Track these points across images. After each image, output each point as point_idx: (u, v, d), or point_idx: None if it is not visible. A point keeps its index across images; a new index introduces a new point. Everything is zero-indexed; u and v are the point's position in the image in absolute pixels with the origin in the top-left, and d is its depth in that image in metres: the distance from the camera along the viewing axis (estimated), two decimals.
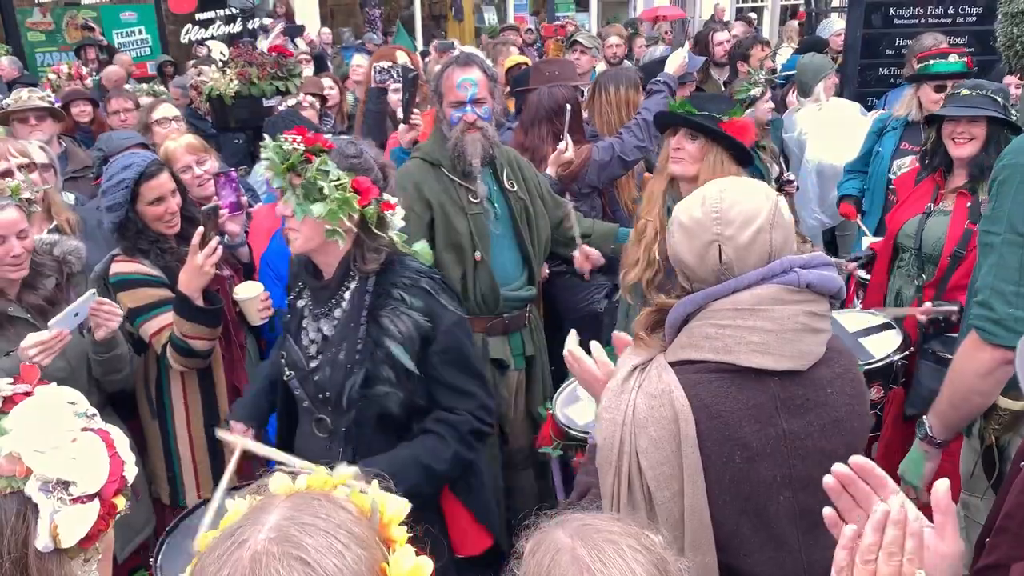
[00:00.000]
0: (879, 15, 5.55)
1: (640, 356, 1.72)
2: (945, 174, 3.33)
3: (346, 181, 2.13)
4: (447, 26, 16.20)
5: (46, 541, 1.09)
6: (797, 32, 11.15)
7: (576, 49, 5.93)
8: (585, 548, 1.10)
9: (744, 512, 1.61)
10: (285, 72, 5.23)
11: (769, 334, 1.58)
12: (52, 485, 1.12)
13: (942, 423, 2.24)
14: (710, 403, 1.59)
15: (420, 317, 2.19)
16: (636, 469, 1.61)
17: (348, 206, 2.12)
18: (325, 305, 2.28)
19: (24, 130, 4.33)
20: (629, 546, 1.11)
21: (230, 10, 7.41)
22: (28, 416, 1.15)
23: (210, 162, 3.46)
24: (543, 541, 1.14)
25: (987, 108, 3.16)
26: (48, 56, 11.30)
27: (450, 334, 2.23)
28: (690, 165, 2.79)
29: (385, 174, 2.29)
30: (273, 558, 0.92)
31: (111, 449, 1.21)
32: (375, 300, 2.21)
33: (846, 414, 1.66)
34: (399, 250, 2.29)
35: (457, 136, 3.06)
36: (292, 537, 0.94)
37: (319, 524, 0.97)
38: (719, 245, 1.61)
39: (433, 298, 2.23)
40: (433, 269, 2.40)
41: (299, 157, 2.13)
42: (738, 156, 2.79)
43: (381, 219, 2.21)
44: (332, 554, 0.94)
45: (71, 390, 1.25)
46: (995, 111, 3.15)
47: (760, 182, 1.78)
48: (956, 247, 3.17)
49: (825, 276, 1.63)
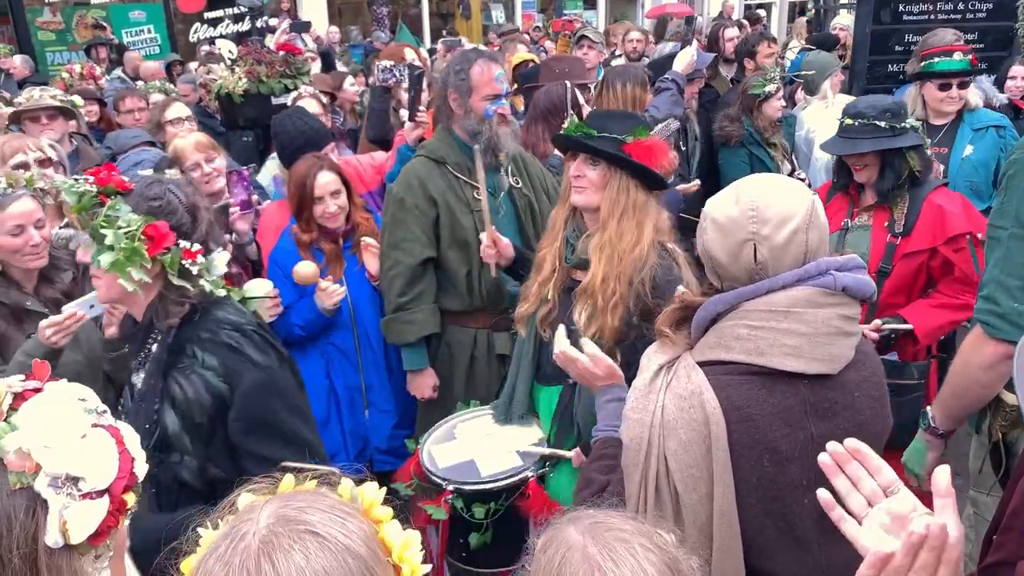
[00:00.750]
0: (888, 11, 5.51)
1: (665, 354, 1.69)
2: (859, 189, 3.17)
3: (136, 228, 1.91)
4: (455, 24, 16.20)
5: (56, 537, 1.10)
6: (806, 29, 11.12)
7: (584, 45, 5.93)
8: (596, 546, 1.09)
9: (769, 514, 1.59)
10: (293, 70, 5.25)
11: (803, 337, 1.55)
12: (61, 481, 1.12)
13: (945, 414, 2.25)
14: (741, 405, 1.56)
15: (214, 378, 1.96)
16: (664, 471, 1.58)
17: (138, 256, 1.91)
18: (137, 357, 2.13)
19: (35, 128, 4.35)
20: (641, 545, 1.10)
21: (238, 8, 7.42)
22: (38, 412, 1.16)
23: (219, 160, 3.48)
24: (555, 538, 1.13)
25: (868, 140, 2.99)
26: (58, 55, 11.35)
27: (249, 398, 1.97)
28: (592, 194, 2.36)
29: (195, 217, 2.04)
30: (282, 536, 0.92)
31: (120, 445, 1.22)
32: (170, 357, 2.00)
33: (870, 417, 1.65)
34: (213, 298, 2.07)
35: (494, 128, 3.06)
36: (293, 517, 0.95)
37: (314, 504, 0.98)
38: (754, 244, 1.58)
39: (237, 353, 1.98)
40: (250, 318, 2.13)
41: (91, 199, 1.95)
42: (647, 182, 2.37)
43: (184, 268, 1.99)
44: (336, 524, 0.96)
45: (81, 387, 1.25)
46: (878, 139, 2.98)
47: (795, 180, 1.74)
48: (881, 262, 3.03)
49: (861, 280, 1.61)
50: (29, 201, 2.58)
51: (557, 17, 14.93)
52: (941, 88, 4.10)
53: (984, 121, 4.19)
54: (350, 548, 0.94)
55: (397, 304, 3.11)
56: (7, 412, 1.15)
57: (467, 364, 3.22)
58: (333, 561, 0.92)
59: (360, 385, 3.35)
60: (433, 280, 3.17)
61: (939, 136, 4.18)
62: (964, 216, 2.97)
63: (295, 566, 0.90)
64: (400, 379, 3.33)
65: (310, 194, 3.17)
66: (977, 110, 4.21)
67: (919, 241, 2.98)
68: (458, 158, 3.13)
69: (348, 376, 3.34)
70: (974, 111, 4.20)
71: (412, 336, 3.13)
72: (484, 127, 3.05)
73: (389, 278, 3.13)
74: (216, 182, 3.40)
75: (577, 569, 1.07)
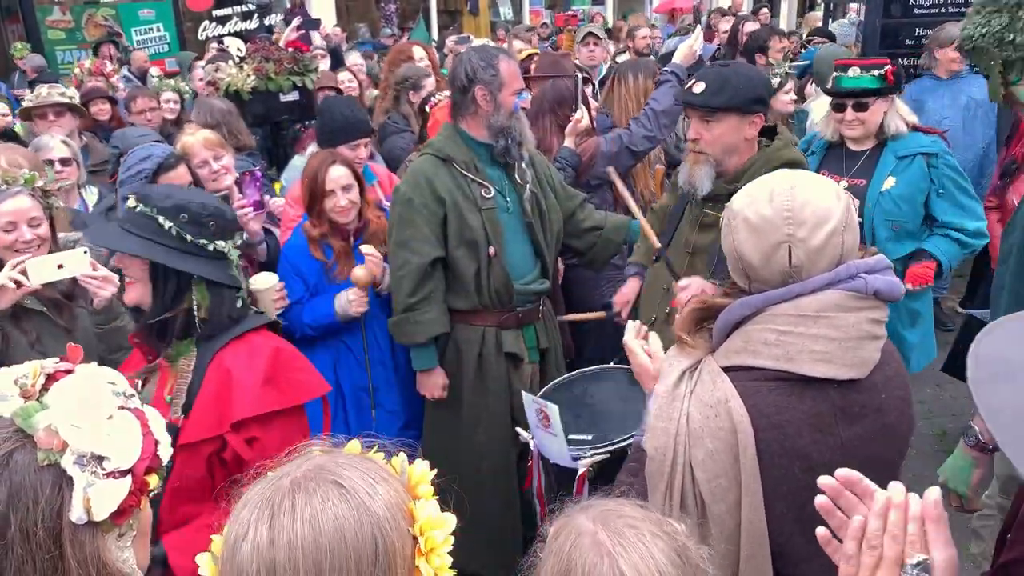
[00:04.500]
0: (899, 4, 5.47)
1: (687, 358, 1.65)
2: None
3: None
4: (462, 20, 16.19)
5: (80, 513, 1.13)
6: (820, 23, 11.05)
7: (589, 41, 5.93)
8: (606, 532, 1.10)
9: (799, 521, 1.55)
10: (302, 67, 5.25)
11: (832, 342, 1.51)
12: (87, 459, 1.15)
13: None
14: (770, 413, 1.53)
15: None
16: (690, 481, 1.55)
17: None
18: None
19: (44, 125, 4.38)
20: (650, 531, 1.11)
21: (247, 6, 7.43)
22: (68, 392, 1.19)
23: (227, 157, 3.48)
24: (566, 525, 1.15)
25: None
26: (68, 54, 11.40)
27: None
28: None
29: None
30: (310, 480, 1.05)
31: (145, 428, 1.25)
32: None
33: (896, 419, 1.62)
34: None
35: (522, 122, 3.13)
36: (328, 469, 1.07)
37: (353, 463, 1.10)
38: (789, 247, 1.52)
39: None
40: None
41: None
42: None
43: None
44: (365, 483, 1.06)
45: (111, 370, 1.29)
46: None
47: (828, 179, 1.68)
48: None
49: (892, 283, 1.56)
50: (25, 199, 2.57)
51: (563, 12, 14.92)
52: (836, 109, 3.62)
53: (911, 148, 3.53)
54: (368, 507, 1.04)
55: (406, 304, 3.09)
56: (40, 392, 1.19)
57: (475, 362, 3.21)
58: (348, 513, 1.02)
59: (367, 385, 3.34)
60: (442, 280, 3.15)
61: (857, 166, 3.64)
62: None
63: (311, 508, 1.01)
64: (407, 379, 3.32)
65: (321, 187, 3.17)
66: (902, 136, 3.55)
67: None
68: (466, 156, 3.12)
69: (355, 375, 3.33)
70: (897, 138, 3.55)
71: (422, 337, 3.12)
72: (513, 121, 3.08)
73: (397, 278, 3.11)
74: (224, 179, 3.40)
75: (587, 554, 1.09)
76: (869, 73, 3.47)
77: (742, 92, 2.67)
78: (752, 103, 2.69)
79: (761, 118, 2.76)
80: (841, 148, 3.68)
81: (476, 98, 3.06)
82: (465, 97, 3.08)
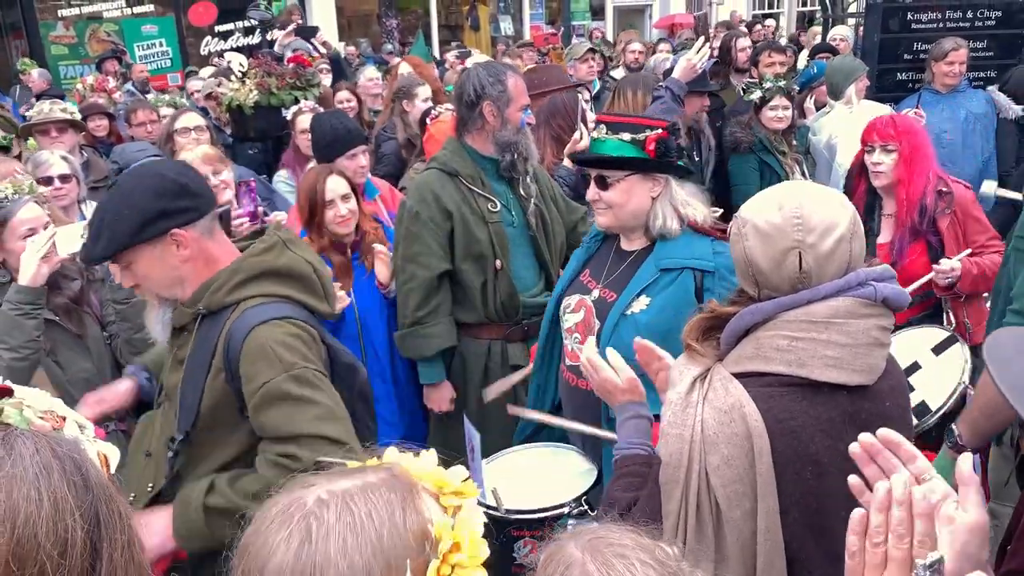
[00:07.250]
0: (897, 19, 5.50)
1: (697, 366, 1.67)
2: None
3: None
4: (463, 35, 16.28)
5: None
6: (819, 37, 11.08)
7: (588, 58, 6.05)
8: (595, 563, 1.08)
9: (810, 528, 1.58)
10: (304, 82, 5.28)
11: (843, 348, 1.54)
12: (80, 427, 1.29)
13: (972, 431, 2.20)
14: (784, 418, 1.55)
15: None
16: (705, 487, 1.56)
17: None
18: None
19: (46, 141, 4.39)
20: (640, 560, 1.09)
21: (249, 22, 7.49)
22: (23, 391, 1.30)
23: (226, 172, 3.50)
24: (555, 555, 1.13)
25: None
26: (71, 69, 11.48)
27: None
28: None
29: None
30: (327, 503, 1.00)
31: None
32: None
33: (898, 427, 1.63)
34: None
35: (529, 137, 3.15)
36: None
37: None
38: (799, 252, 1.56)
39: None
40: None
41: None
42: None
43: None
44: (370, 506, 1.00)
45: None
46: None
47: (833, 189, 1.73)
48: None
49: (899, 291, 1.60)
50: (35, 207, 2.69)
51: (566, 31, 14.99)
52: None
53: (678, 258, 2.36)
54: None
55: (414, 319, 3.09)
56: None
57: (481, 375, 3.20)
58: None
59: None
60: (449, 293, 3.15)
61: (618, 271, 2.48)
62: None
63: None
64: (406, 391, 3.32)
65: (321, 199, 3.19)
66: (670, 238, 2.37)
67: None
68: (471, 170, 3.12)
69: None
70: (666, 239, 2.38)
71: (430, 351, 3.12)
72: (520, 137, 3.10)
73: (405, 292, 3.11)
74: (223, 194, 3.41)
75: None
76: (617, 136, 2.34)
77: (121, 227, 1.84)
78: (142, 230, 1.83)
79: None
80: (616, 241, 2.53)
81: (484, 113, 3.07)
82: (472, 112, 3.09)
